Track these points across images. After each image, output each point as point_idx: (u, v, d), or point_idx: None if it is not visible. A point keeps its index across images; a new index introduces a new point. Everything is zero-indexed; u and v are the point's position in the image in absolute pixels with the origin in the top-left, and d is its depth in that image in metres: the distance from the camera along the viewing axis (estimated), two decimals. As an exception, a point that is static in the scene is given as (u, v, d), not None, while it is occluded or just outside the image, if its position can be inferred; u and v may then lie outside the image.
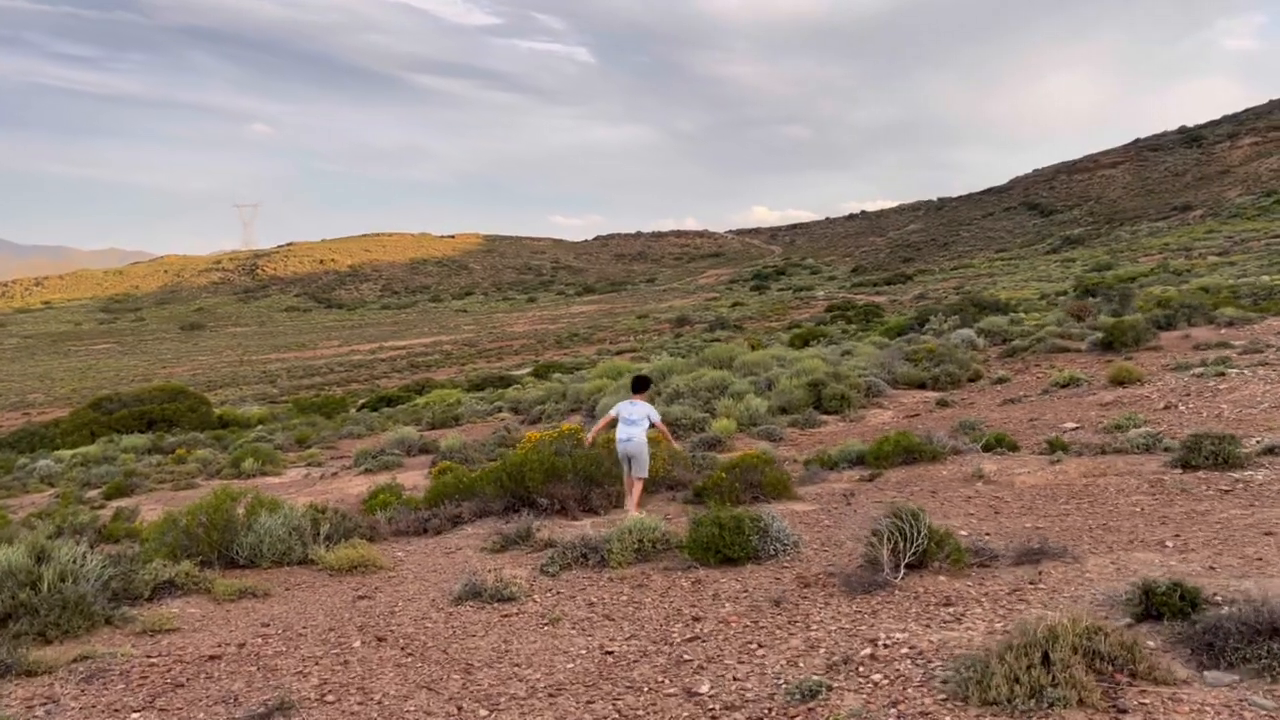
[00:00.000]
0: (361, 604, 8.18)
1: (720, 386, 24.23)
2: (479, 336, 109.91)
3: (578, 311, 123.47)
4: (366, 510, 15.15)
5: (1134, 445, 12.05)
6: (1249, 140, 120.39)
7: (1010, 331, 30.65)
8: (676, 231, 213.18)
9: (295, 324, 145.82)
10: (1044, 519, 8.66)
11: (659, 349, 64.16)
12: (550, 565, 8.80)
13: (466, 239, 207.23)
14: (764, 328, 74.12)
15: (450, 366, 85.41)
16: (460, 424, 34.70)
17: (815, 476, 12.89)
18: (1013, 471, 11.79)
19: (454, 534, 11.14)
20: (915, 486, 11.13)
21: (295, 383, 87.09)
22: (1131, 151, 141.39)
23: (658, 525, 8.98)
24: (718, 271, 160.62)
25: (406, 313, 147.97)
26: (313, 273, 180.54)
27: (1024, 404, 19.43)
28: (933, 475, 12.11)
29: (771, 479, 10.53)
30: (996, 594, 6.11)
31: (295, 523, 9.88)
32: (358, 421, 38.52)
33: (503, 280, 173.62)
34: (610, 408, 11.27)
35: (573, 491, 11.32)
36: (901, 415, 21.44)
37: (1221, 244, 78.95)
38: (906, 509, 6.86)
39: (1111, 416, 15.66)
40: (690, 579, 7.84)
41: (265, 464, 26.82)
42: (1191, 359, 20.60)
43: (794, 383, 23.14)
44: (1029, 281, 79.59)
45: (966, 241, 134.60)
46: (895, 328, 38.13)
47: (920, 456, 12.93)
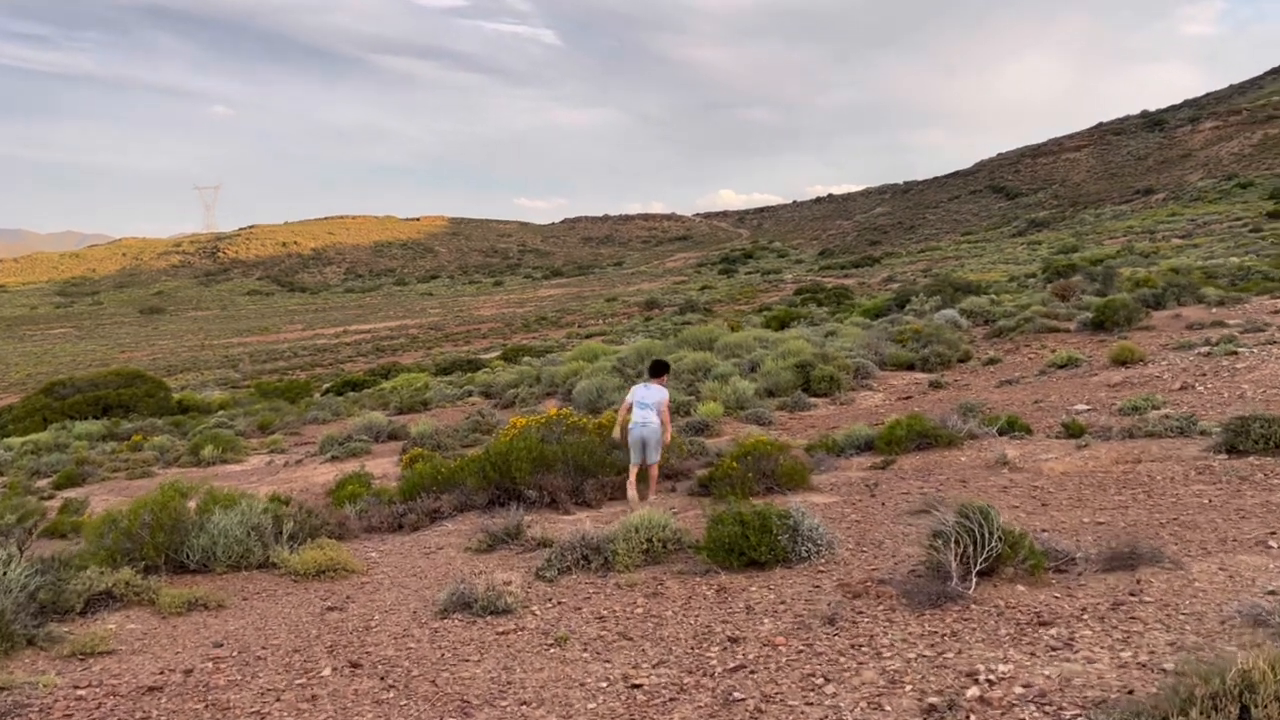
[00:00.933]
0: (331, 617, 7.03)
1: (703, 369, 23.19)
2: (445, 320, 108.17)
3: (545, 295, 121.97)
4: (335, 503, 13.93)
5: (1167, 429, 11.14)
6: (1210, 124, 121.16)
7: (993, 312, 29.87)
8: (644, 215, 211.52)
9: (258, 308, 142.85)
10: (1102, 513, 7.69)
11: (630, 332, 63.08)
12: (547, 569, 7.69)
13: (431, 222, 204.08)
14: (734, 310, 73.28)
15: (416, 350, 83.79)
16: (429, 409, 33.48)
17: (823, 464, 11.87)
18: (1038, 457, 10.85)
19: (433, 530, 9.99)
20: (939, 475, 10.14)
21: (258, 367, 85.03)
22: (1095, 135, 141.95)
23: (667, 522, 7.89)
24: (685, 255, 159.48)
25: (371, 296, 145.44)
26: (275, 256, 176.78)
27: (1023, 385, 18.57)
28: (951, 462, 11.13)
29: (787, 468, 9.48)
30: (1098, 609, 5.10)
31: (254, 521, 8.67)
32: (323, 406, 37.07)
33: (469, 263, 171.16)
34: (628, 393, 10.64)
35: (564, 483, 10.21)
36: (893, 398, 20.52)
37: (1184, 227, 79.22)
38: (974, 506, 5.83)
39: (1124, 398, 14.80)
40: (712, 586, 6.77)
41: (226, 451, 25.46)
42: (1192, 338, 19.86)
43: (780, 364, 22.14)
44: (996, 264, 79.37)
45: (933, 224, 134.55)
46: (875, 308, 37.28)
47: (935, 442, 11.95)
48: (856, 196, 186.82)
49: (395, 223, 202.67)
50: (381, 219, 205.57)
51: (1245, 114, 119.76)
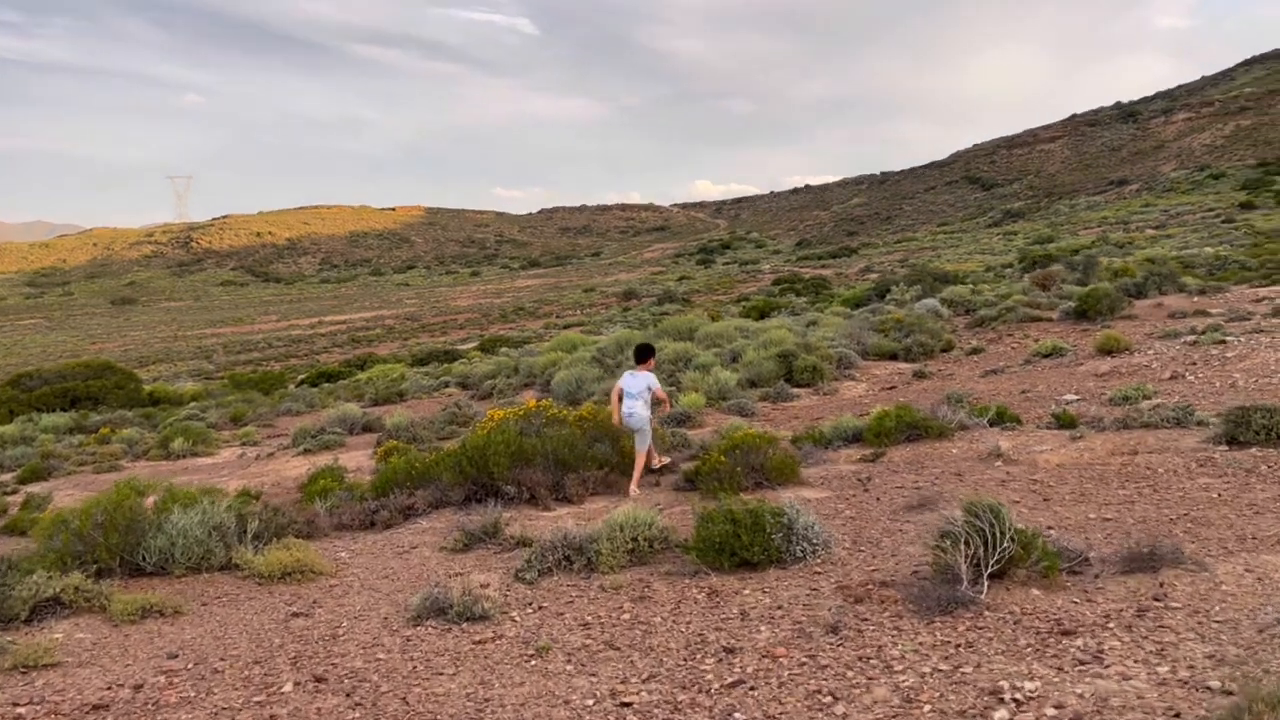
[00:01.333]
0: (296, 624, 6.56)
1: (684, 359, 22.76)
2: (422, 311, 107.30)
3: (523, 285, 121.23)
4: (306, 498, 13.41)
5: (1163, 419, 10.84)
6: (1183, 116, 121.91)
7: (974, 301, 29.65)
8: (621, 205, 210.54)
9: (232, 298, 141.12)
10: (1108, 508, 7.34)
11: (608, 322, 62.64)
12: (527, 570, 7.25)
13: (408, 212, 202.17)
14: (712, 301, 73.03)
15: (393, 341, 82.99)
16: (405, 400, 32.96)
17: (811, 456, 11.49)
18: (1032, 449, 10.51)
19: (406, 528, 9.52)
20: (932, 468, 9.77)
21: (232, 358, 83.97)
22: (1069, 126, 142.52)
23: (653, 519, 7.47)
24: (663, 245, 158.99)
25: (346, 287, 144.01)
26: (249, 246, 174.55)
27: (1008, 375, 18.28)
28: (943, 454, 10.78)
29: (777, 462, 9.08)
30: (1123, 617, 4.72)
31: (216, 520, 8.17)
32: (296, 398, 36.39)
33: (445, 254, 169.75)
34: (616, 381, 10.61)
35: (544, 477, 9.76)
36: (877, 387, 20.20)
37: (1158, 217, 79.73)
38: (984, 504, 5.44)
39: (1113, 387, 14.52)
40: (703, 589, 6.35)
41: (196, 444, 24.81)
42: (1176, 327, 19.65)
43: (762, 354, 21.76)
44: (973, 254, 79.57)
45: (909, 215, 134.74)
46: (856, 298, 37.02)
47: (925, 433, 11.59)
48: (833, 187, 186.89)
49: (371, 213, 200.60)
50: (357, 209, 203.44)
51: (1217, 105, 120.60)
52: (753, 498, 8.68)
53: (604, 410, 11.19)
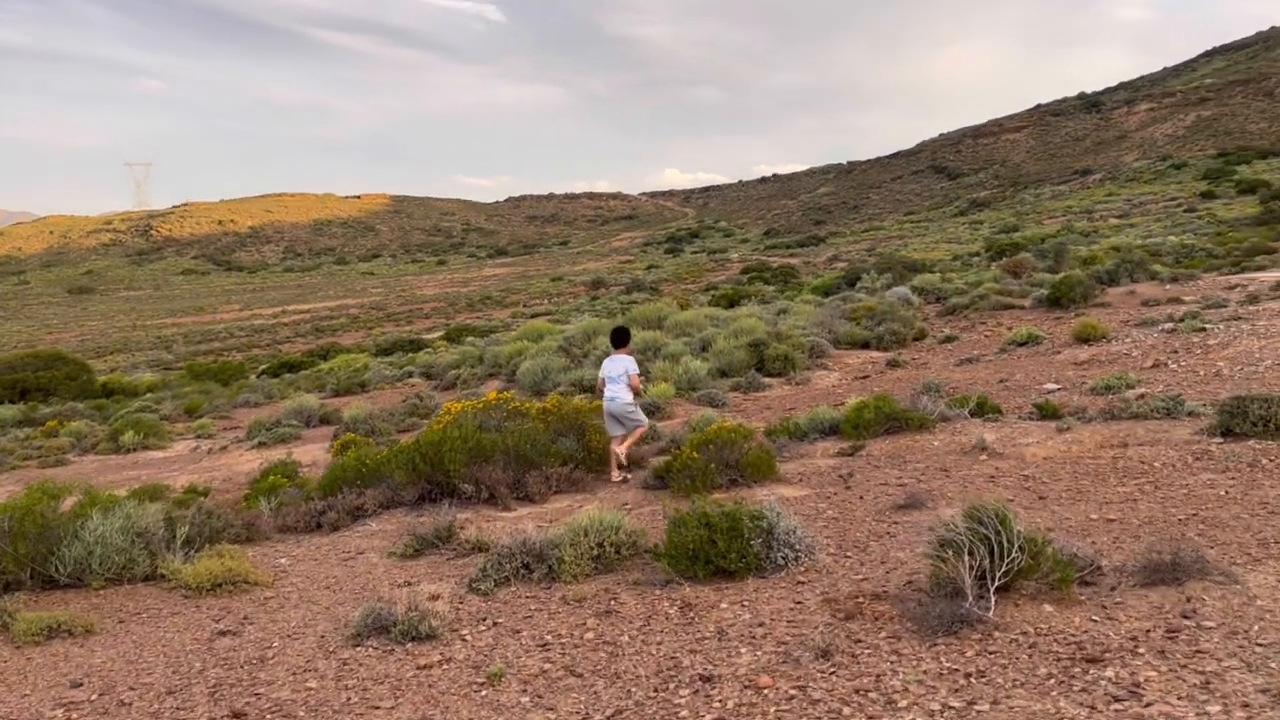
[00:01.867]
0: (222, 645, 5.86)
1: (653, 348, 22.12)
2: (387, 300, 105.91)
3: (490, 274, 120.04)
4: (249, 498, 12.64)
5: (1153, 410, 10.36)
6: (1145, 106, 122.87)
7: (945, 289, 29.31)
8: (589, 193, 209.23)
9: (193, 287, 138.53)
10: (1109, 507, 6.81)
11: (576, 311, 61.93)
12: (482, 580, 6.59)
13: (373, 200, 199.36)
14: (681, 290, 72.55)
15: (357, 331, 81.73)
16: (367, 390, 32.21)
17: (786, 450, 10.91)
18: (1018, 441, 10.00)
19: (355, 531, 8.82)
20: (915, 463, 9.22)
21: (192, 348, 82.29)
22: (1034, 116, 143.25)
23: (619, 522, 6.84)
24: (631, 234, 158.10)
25: (310, 275, 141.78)
26: (211, 234, 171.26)
27: (984, 363, 17.83)
28: (924, 447, 10.24)
29: (753, 458, 8.46)
30: (1152, 639, 4.16)
31: (141, 525, 7.43)
32: (255, 389, 35.41)
33: (411, 242, 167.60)
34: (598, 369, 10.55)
35: (504, 475, 9.09)
36: (850, 377, 19.70)
37: (1121, 207, 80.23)
38: (989, 508, 4.86)
39: (1094, 376, 14.08)
40: (675, 602, 5.73)
41: (148, 437, 23.88)
42: (1152, 314, 19.31)
43: (733, 343, 21.18)
44: (939, 243, 79.67)
45: (876, 204, 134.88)
46: (826, 286, 36.58)
47: (905, 425, 11.05)
48: (801, 176, 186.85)
49: (335, 201, 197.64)
50: (321, 197, 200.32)
51: (1179, 96, 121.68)
52: (727, 497, 8.08)
53: (569, 402, 10.54)
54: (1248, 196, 67.93)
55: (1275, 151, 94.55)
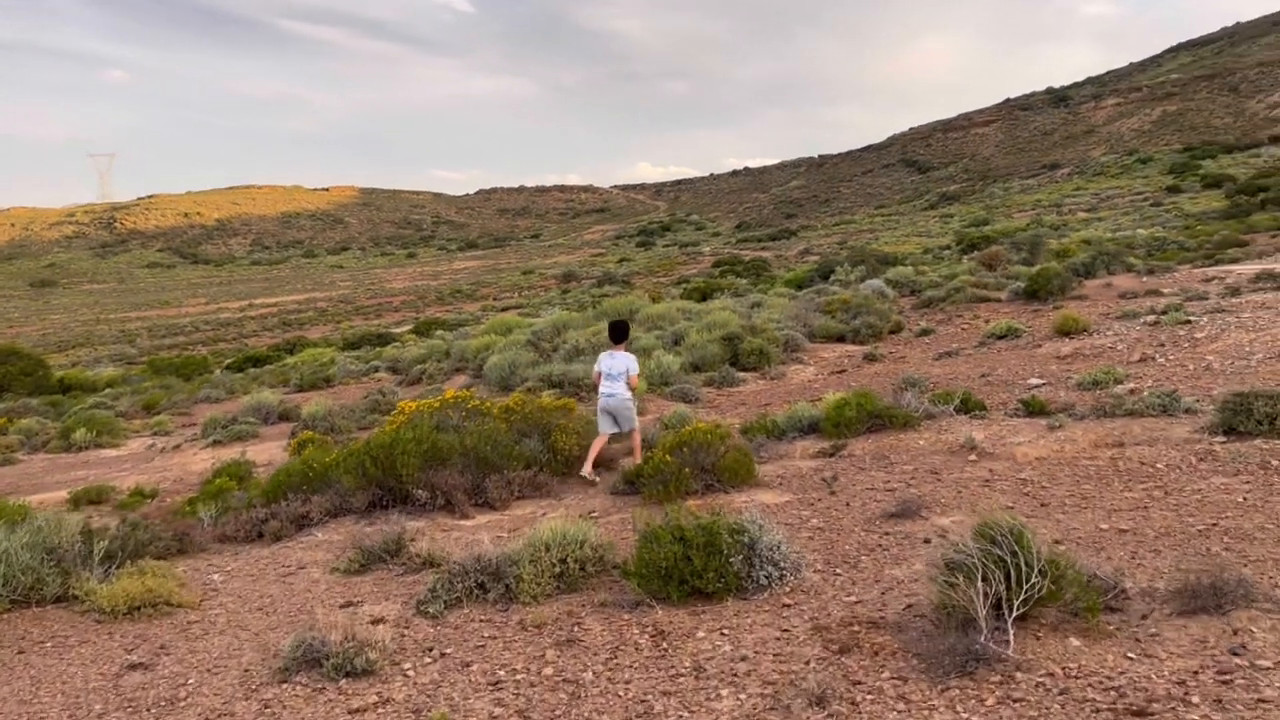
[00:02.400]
0: (130, 682, 5.13)
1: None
2: (356, 293, 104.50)
3: (460, 267, 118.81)
4: (196, 501, 11.84)
5: (1149, 407, 9.84)
6: (1112, 101, 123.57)
7: (919, 282, 28.87)
8: (561, 186, 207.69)
9: (158, 280, 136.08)
10: (1119, 515, 6.23)
11: (547, 304, 61.16)
12: (431, 601, 5.90)
13: (342, 192, 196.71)
14: (653, 283, 72.02)
15: (325, 324, 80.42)
16: (332, 385, 31.30)
17: (764, 449, 10.29)
18: (1008, 440, 9.44)
19: (299, 541, 8.08)
20: (902, 464, 8.62)
21: (157, 343, 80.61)
22: (1003, 111, 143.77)
23: (585, 535, 6.17)
24: (603, 227, 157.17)
25: (278, 269, 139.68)
26: (177, 226, 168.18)
27: (964, 358, 17.32)
28: (910, 446, 9.65)
29: (731, 461, 7.81)
30: (1202, 682, 3.55)
31: (53, 540, 6.66)
32: (217, 384, 34.35)
33: (380, 235, 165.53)
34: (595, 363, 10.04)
35: (462, 480, 8.39)
36: (826, 371, 19.14)
37: (1089, 200, 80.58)
38: (1003, 525, 4.24)
39: (1079, 371, 13.58)
40: (646, 630, 5.07)
41: (101, 434, 22.89)
42: (1133, 307, 18.88)
43: (706, 337, 20.55)
44: (910, 237, 79.66)
45: (847, 198, 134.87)
46: (799, 279, 36.08)
47: (889, 423, 10.46)
48: (772, 170, 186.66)
49: (303, 193, 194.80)
50: (289, 189, 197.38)
51: (1145, 91, 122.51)
52: (703, 504, 7.44)
53: (532, 401, 9.85)
54: (1213, 191, 68.36)
55: (1240, 146, 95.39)
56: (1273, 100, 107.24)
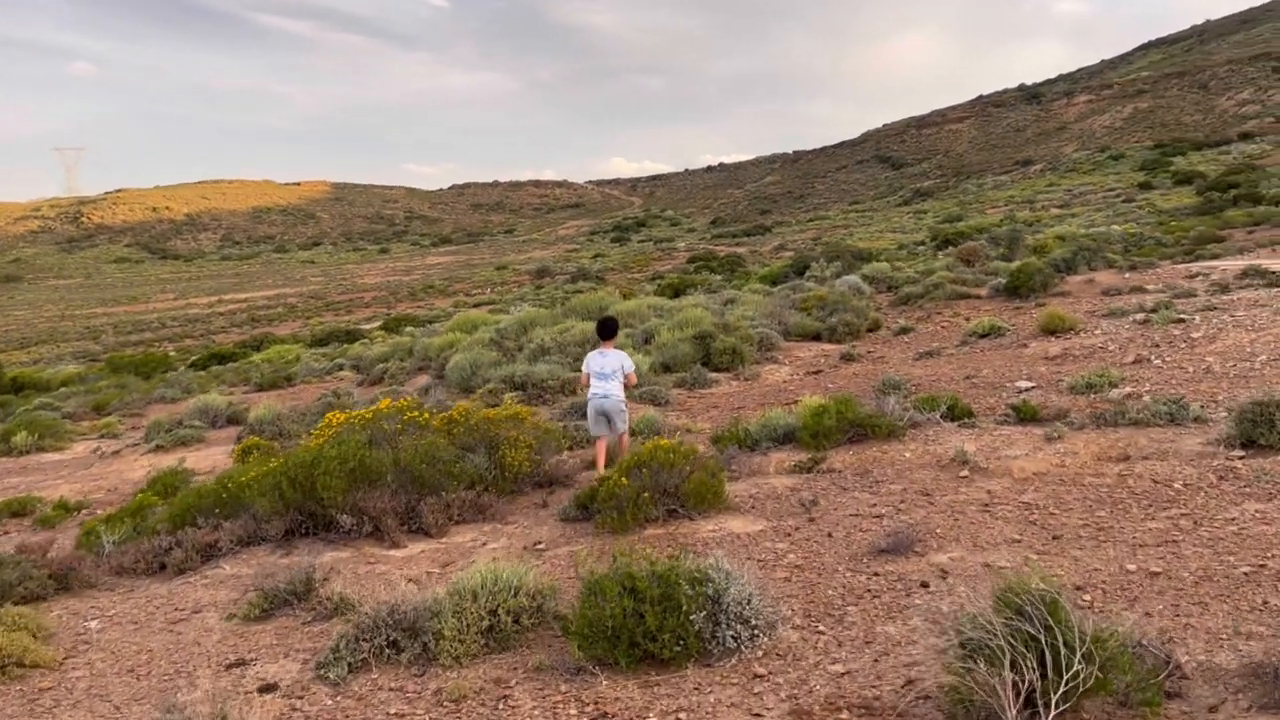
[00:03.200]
0: (-58, 779, 4.09)
1: (591, 340, 20.44)
2: (327, 289, 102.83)
3: (433, 263, 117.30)
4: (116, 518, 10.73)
5: (1153, 415, 8.96)
6: (1084, 98, 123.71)
7: (896, 278, 28.03)
8: (535, 181, 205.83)
9: (126, 276, 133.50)
10: (1145, 551, 5.31)
11: (519, 300, 60.06)
12: (332, 664, 4.88)
13: (313, 187, 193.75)
14: (627, 279, 71.12)
15: (295, 320, 78.88)
16: (293, 384, 30.16)
17: (734, 462, 9.34)
18: (1002, 453, 8.53)
19: (203, 575, 7.03)
20: (888, 481, 7.69)
21: (122, 339, 78.79)
22: (976, 107, 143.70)
23: (520, 580, 5.17)
24: (578, 223, 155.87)
25: (249, 264, 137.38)
26: (145, 221, 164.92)
27: (946, 357, 16.44)
28: (895, 460, 8.73)
29: (697, 484, 6.82)
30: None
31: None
32: (173, 383, 33.04)
33: (353, 230, 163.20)
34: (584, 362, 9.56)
35: (393, 503, 7.36)
36: (802, 371, 18.22)
37: (1062, 197, 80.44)
38: (1032, 592, 3.29)
39: (1070, 373, 12.72)
40: (586, 708, 4.09)
41: (44, 437, 21.65)
42: (1121, 304, 18.08)
43: (677, 335, 19.58)
44: (884, 233, 79.20)
45: (821, 194, 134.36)
46: (774, 275, 35.19)
47: (872, 432, 9.52)
48: (747, 166, 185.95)
49: (275, 187, 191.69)
50: (260, 184, 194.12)
51: (1116, 88, 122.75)
52: (664, 534, 6.46)
53: (477, 411, 8.81)
54: (1184, 187, 68.34)
55: (1209, 143, 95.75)
56: (1242, 98, 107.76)
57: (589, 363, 9.30)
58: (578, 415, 15.72)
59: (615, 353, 9.35)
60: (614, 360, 9.23)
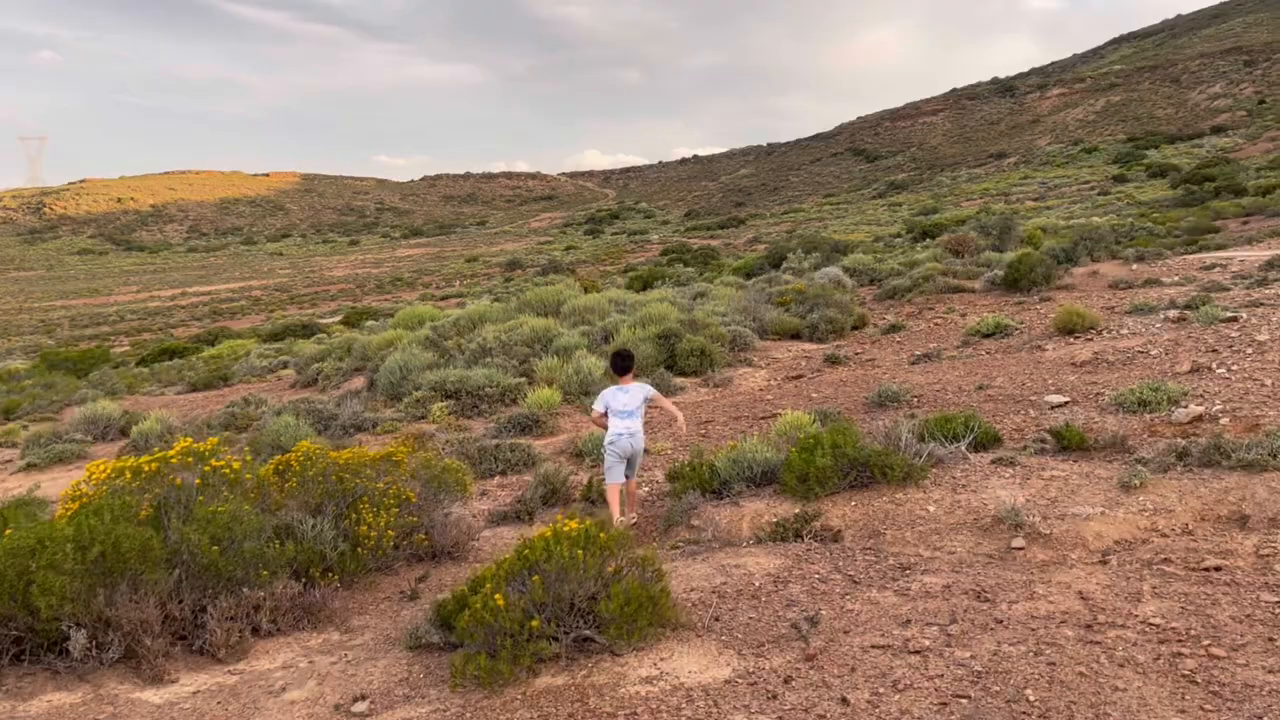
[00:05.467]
0: None
1: (544, 339, 17.77)
2: (293, 281, 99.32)
3: (404, 255, 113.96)
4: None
5: (1270, 454, 6.44)
6: (1056, 91, 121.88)
7: (880, 270, 25.58)
8: (508, 173, 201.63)
9: (89, 268, 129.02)
10: None
11: (485, 293, 57.23)
12: None
13: (282, 178, 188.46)
14: (599, 271, 68.58)
15: (257, 314, 75.52)
16: (230, 384, 27.53)
17: (694, 516, 6.76)
18: (1064, 510, 6.00)
19: None
20: (917, 566, 5.11)
21: (78, 333, 75.11)
22: (950, 100, 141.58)
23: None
24: (551, 215, 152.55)
25: (216, 256, 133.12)
26: (110, 212, 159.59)
27: (948, 362, 13.91)
28: (915, 516, 6.19)
29: (624, 601, 4.17)
30: None
31: None
32: (99, 383, 30.04)
33: (322, 222, 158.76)
34: (597, 401, 8.29)
35: (158, 610, 4.69)
36: (780, 376, 15.66)
37: (1036, 189, 78.79)
38: None
39: (1108, 384, 10.23)
40: None
41: (-71, 449, 18.73)
42: (1146, 298, 15.61)
43: (639, 334, 16.97)
44: (859, 225, 77.07)
45: (796, 186, 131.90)
46: (748, 267, 32.64)
47: (880, 474, 6.94)
48: (721, 158, 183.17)
49: (243, 178, 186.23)
50: (228, 174, 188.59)
51: (1089, 82, 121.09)
52: (566, 687, 3.83)
53: (320, 456, 6.05)
54: (1158, 180, 66.88)
55: (1182, 136, 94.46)
56: (1213, 91, 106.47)
57: (608, 400, 8.12)
58: (515, 429, 13.09)
59: (637, 385, 8.19)
60: (637, 395, 8.07)
